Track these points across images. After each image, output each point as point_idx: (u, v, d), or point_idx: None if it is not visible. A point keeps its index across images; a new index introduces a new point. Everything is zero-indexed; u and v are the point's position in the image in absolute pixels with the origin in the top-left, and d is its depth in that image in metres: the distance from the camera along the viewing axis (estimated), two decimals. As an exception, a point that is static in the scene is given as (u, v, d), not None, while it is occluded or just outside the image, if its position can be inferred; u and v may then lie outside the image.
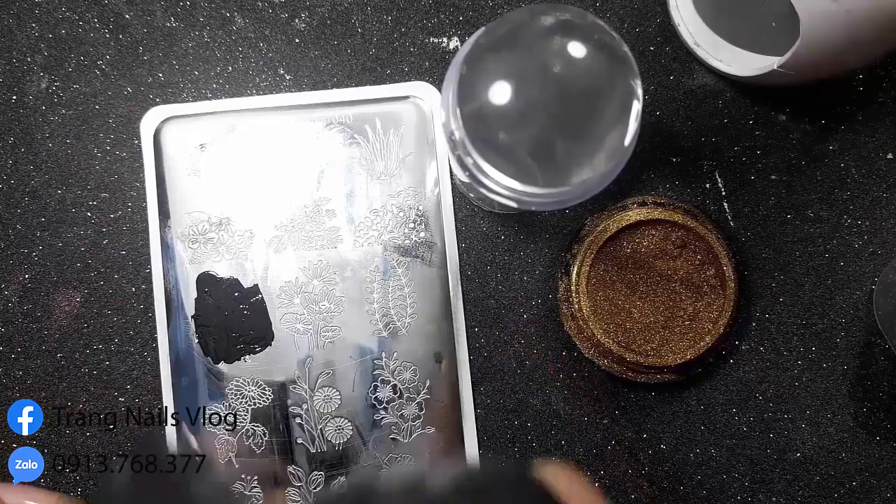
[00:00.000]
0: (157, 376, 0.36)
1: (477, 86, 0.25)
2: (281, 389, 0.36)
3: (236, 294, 0.36)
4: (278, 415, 0.36)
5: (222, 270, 0.36)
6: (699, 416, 0.37)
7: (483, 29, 0.25)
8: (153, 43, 0.37)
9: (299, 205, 0.36)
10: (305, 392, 0.36)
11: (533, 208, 0.27)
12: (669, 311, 0.35)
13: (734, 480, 0.37)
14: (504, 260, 0.37)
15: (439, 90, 0.37)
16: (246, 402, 0.36)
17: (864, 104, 0.37)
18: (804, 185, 0.37)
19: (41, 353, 0.37)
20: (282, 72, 0.37)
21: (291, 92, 0.37)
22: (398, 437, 0.36)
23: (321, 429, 0.36)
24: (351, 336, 0.36)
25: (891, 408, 0.37)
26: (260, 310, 0.36)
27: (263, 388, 0.36)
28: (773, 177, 0.37)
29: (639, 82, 0.25)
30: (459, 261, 0.37)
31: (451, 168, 0.36)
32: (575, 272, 0.35)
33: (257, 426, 0.36)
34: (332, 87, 0.37)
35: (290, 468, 0.36)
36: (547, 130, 0.25)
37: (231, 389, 0.36)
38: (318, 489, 0.36)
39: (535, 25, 0.25)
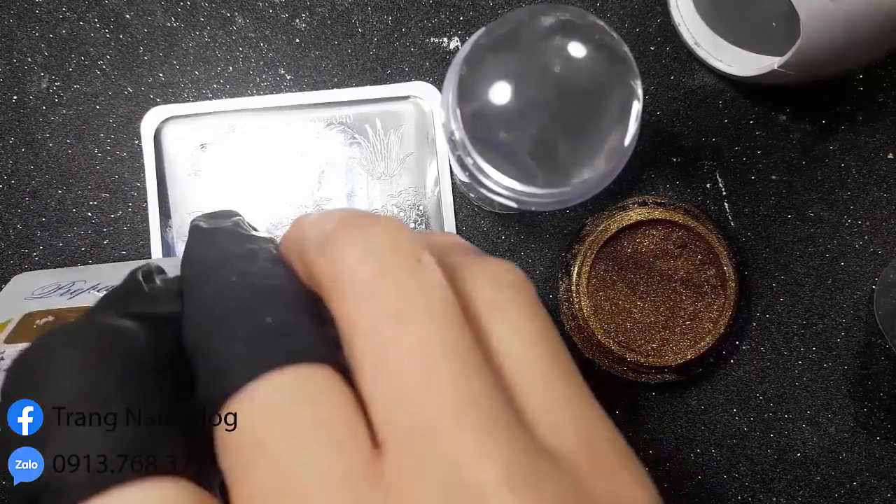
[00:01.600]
0: (158, 376, 0.36)
1: (477, 86, 0.25)
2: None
3: (237, 294, 0.36)
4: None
5: (223, 270, 0.36)
6: (699, 416, 0.37)
7: (483, 29, 0.25)
8: (154, 43, 0.37)
9: (300, 205, 0.36)
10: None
11: (533, 208, 0.27)
12: (670, 311, 0.35)
13: (734, 480, 0.37)
14: (504, 260, 0.37)
15: (439, 90, 0.37)
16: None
17: (864, 104, 0.37)
18: (805, 186, 0.37)
19: (42, 353, 0.37)
20: (282, 72, 0.37)
21: (292, 92, 0.37)
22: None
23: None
24: (351, 336, 0.36)
25: (891, 408, 0.37)
26: (260, 310, 0.36)
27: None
28: (774, 177, 0.37)
29: (639, 82, 0.25)
30: (460, 261, 0.37)
31: (451, 168, 0.36)
32: (575, 272, 0.35)
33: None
34: (332, 87, 0.37)
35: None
36: (547, 131, 0.25)
37: (231, 389, 0.36)
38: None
39: (535, 25, 0.25)
